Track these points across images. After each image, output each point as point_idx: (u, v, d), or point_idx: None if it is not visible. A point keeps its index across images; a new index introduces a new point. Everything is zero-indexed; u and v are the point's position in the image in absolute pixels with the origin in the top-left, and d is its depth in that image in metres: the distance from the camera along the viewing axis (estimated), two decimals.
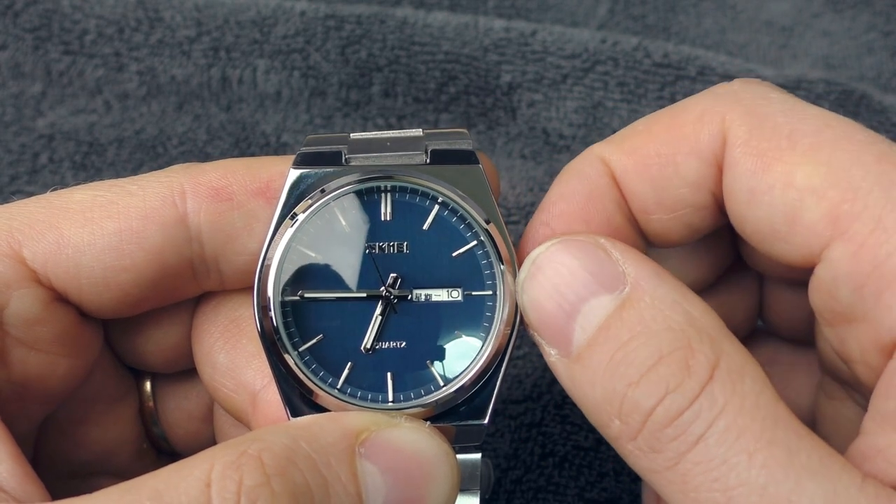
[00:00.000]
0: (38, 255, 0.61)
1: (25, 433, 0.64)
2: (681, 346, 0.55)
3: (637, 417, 0.54)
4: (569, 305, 0.57)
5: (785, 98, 0.61)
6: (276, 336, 0.61)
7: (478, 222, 0.62)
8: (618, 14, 1.17)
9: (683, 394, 0.53)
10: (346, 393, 0.62)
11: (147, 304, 0.65)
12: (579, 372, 0.57)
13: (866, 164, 0.56)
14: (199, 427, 0.73)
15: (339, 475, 0.54)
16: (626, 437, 0.55)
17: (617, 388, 0.55)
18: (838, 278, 0.57)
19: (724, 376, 0.54)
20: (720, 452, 0.52)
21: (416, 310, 0.62)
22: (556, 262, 0.59)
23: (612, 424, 0.56)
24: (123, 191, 0.63)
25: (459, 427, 0.63)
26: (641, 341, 0.55)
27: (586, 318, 0.57)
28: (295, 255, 0.62)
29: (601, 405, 0.56)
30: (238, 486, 0.51)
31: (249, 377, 0.65)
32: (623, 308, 0.56)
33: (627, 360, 0.55)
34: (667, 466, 0.54)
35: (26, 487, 0.56)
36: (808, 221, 0.57)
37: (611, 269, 0.57)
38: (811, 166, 0.57)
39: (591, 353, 0.56)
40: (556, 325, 0.58)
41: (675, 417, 0.53)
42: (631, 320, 0.56)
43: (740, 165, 0.59)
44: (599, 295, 0.57)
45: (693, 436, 0.53)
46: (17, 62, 1.06)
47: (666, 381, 0.54)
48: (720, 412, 0.53)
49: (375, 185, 0.62)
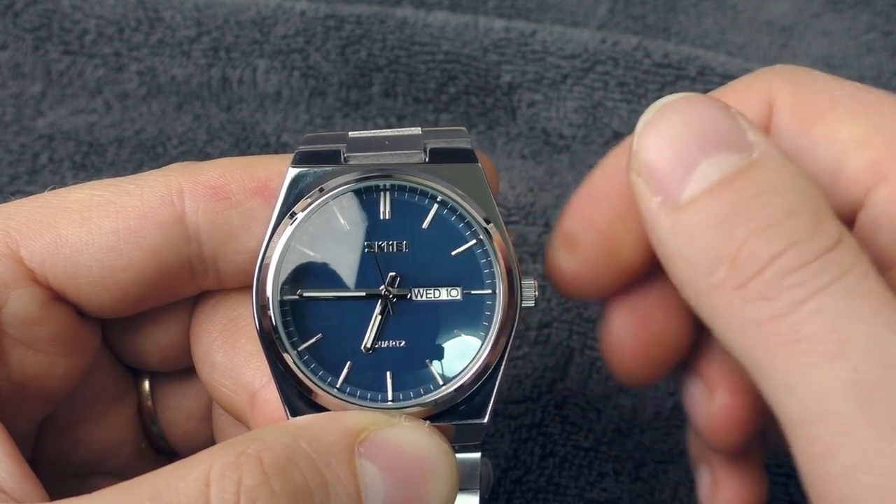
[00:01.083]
0: (35, 255, 0.61)
1: (24, 433, 0.64)
2: (812, 209, 0.54)
3: (755, 263, 0.52)
4: (690, 156, 0.55)
5: (824, 74, 0.62)
6: (274, 335, 0.61)
7: (477, 221, 0.62)
8: (618, 14, 1.17)
9: (815, 245, 0.52)
10: (346, 392, 0.62)
11: (145, 304, 0.65)
12: (688, 218, 0.55)
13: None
14: (198, 426, 0.73)
15: (338, 475, 0.54)
16: (732, 285, 0.53)
17: (737, 233, 0.53)
18: (878, 220, 0.58)
19: (851, 244, 0.53)
20: (845, 304, 0.51)
21: (415, 309, 0.62)
22: (683, 112, 0.57)
23: (717, 272, 0.54)
24: (121, 190, 0.63)
25: (459, 426, 0.63)
26: (772, 195, 0.54)
27: (710, 168, 0.55)
28: (294, 254, 0.62)
29: (708, 251, 0.54)
30: (237, 486, 0.51)
31: (248, 376, 0.64)
32: (752, 167, 0.55)
33: (755, 209, 0.53)
34: (776, 316, 0.52)
35: (25, 487, 0.56)
36: (851, 170, 0.58)
37: (740, 133, 0.56)
38: (852, 121, 0.58)
39: (709, 201, 0.54)
40: (669, 171, 0.56)
41: (801, 266, 0.52)
42: (760, 178, 0.54)
43: (785, 128, 0.61)
44: (728, 152, 0.55)
45: (817, 285, 0.51)
46: (17, 62, 1.06)
47: (797, 232, 0.52)
48: (848, 269, 0.52)
49: (374, 183, 0.62)
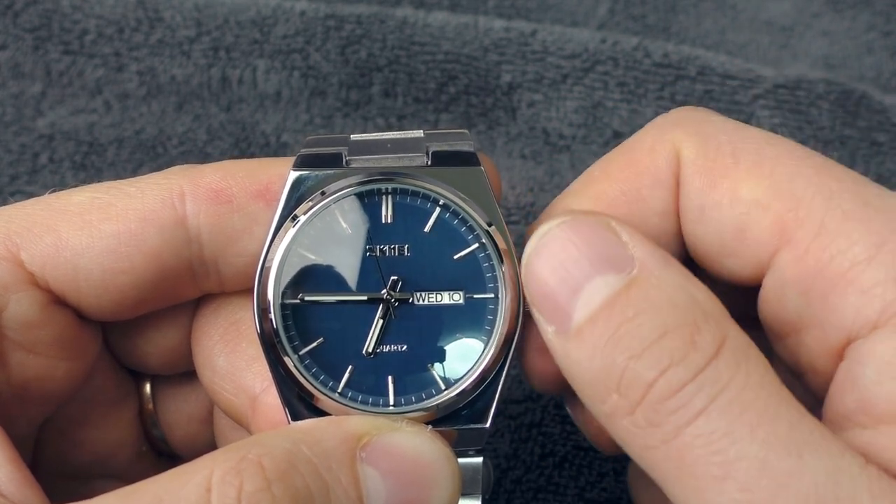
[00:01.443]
0: (36, 258, 0.61)
1: (24, 436, 0.64)
2: (687, 323, 0.54)
3: (637, 390, 0.53)
4: (573, 282, 0.56)
5: (725, 120, 0.62)
6: (276, 339, 0.61)
7: (479, 225, 0.62)
8: (618, 14, 1.17)
9: (687, 366, 0.53)
10: (347, 397, 0.62)
11: (146, 307, 0.65)
12: (577, 347, 0.56)
13: (806, 176, 0.58)
14: (199, 429, 0.73)
15: (340, 479, 0.53)
16: (624, 412, 0.54)
17: (617, 360, 0.54)
18: (785, 285, 0.58)
19: (729, 354, 0.53)
20: (722, 425, 0.52)
21: (417, 313, 0.62)
22: (563, 239, 0.58)
23: (609, 399, 0.55)
24: (122, 193, 0.62)
25: (461, 431, 0.62)
26: (647, 317, 0.54)
27: (590, 294, 0.56)
28: (295, 258, 0.62)
29: (598, 379, 0.55)
30: (238, 492, 0.51)
31: (249, 380, 0.64)
32: (629, 287, 0.55)
33: (631, 334, 0.54)
34: (664, 440, 0.53)
35: (25, 491, 0.56)
36: (755, 233, 0.58)
37: (619, 250, 0.57)
38: (755, 180, 0.59)
39: (592, 328, 0.55)
40: (556, 301, 0.57)
41: (678, 389, 0.53)
42: (636, 298, 0.55)
43: (690, 184, 0.61)
44: (605, 274, 0.56)
45: (695, 409, 0.52)
46: (17, 62, 1.06)
47: (670, 354, 0.53)
48: (724, 387, 0.52)
49: (376, 187, 0.62)
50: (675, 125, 0.63)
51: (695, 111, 0.64)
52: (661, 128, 0.63)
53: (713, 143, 0.61)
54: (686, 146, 0.61)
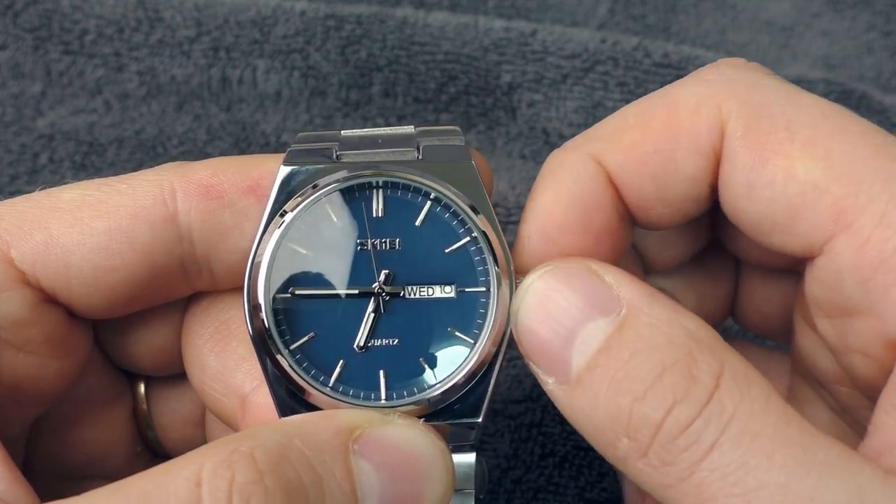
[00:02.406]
0: (26, 256, 0.61)
1: (16, 435, 0.64)
2: (683, 357, 0.54)
3: (646, 432, 0.53)
4: (565, 331, 0.57)
5: (779, 85, 0.61)
6: (266, 334, 0.61)
7: (471, 218, 0.62)
8: (618, 14, 1.17)
9: (691, 402, 0.53)
10: (339, 391, 0.61)
11: (137, 304, 0.65)
12: (580, 395, 0.56)
13: (866, 158, 0.56)
14: (193, 432, 0.73)
15: (333, 472, 0.53)
16: (636, 455, 0.54)
17: (622, 405, 0.54)
18: (842, 271, 0.57)
19: (730, 383, 0.53)
20: (736, 456, 0.51)
21: (408, 307, 0.62)
22: (549, 290, 0.58)
23: (620, 444, 0.55)
24: (113, 189, 0.62)
25: (453, 425, 0.62)
26: (643, 357, 0.54)
27: (584, 342, 0.56)
28: (286, 253, 0.62)
29: (606, 426, 0.55)
30: (230, 484, 0.50)
31: (239, 380, 0.64)
32: (621, 329, 0.56)
33: (630, 377, 0.54)
34: (681, 478, 0.53)
35: (15, 490, 0.56)
36: (810, 215, 0.57)
37: (605, 293, 0.57)
38: (811, 160, 0.57)
39: (591, 376, 0.55)
40: (552, 352, 0.57)
41: (686, 427, 0.52)
42: (630, 339, 0.55)
43: (739, 159, 0.59)
44: (596, 319, 0.56)
45: (706, 444, 0.52)
46: (17, 62, 1.06)
47: (672, 392, 0.53)
48: (731, 417, 0.52)
49: (367, 181, 0.62)
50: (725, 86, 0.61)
51: (746, 70, 0.63)
52: (709, 86, 0.62)
53: (765, 116, 0.59)
54: (735, 117, 0.60)
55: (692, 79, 0.63)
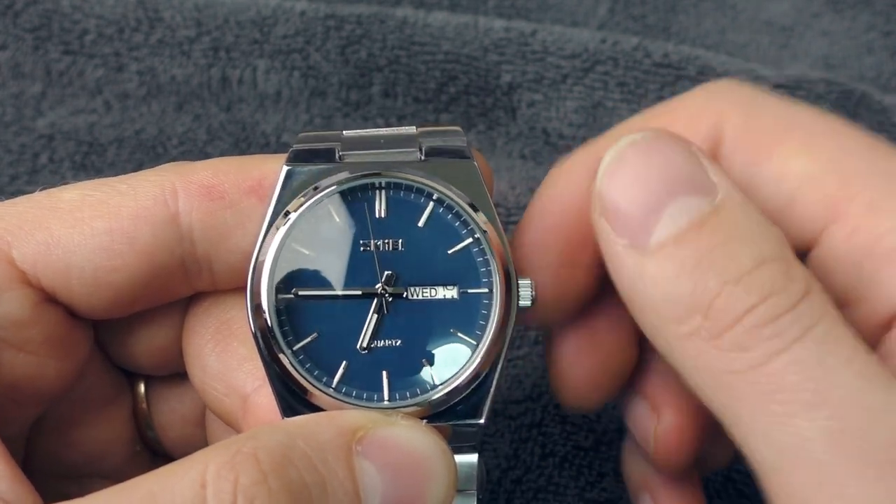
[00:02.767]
0: (27, 256, 0.61)
1: (15, 435, 0.64)
2: (782, 257, 0.54)
3: (731, 314, 0.53)
4: (655, 197, 0.56)
5: (775, 98, 0.62)
6: (269, 334, 0.61)
7: (473, 219, 0.62)
8: (618, 14, 1.17)
9: (788, 297, 0.53)
10: (342, 392, 0.61)
11: (138, 305, 0.65)
12: (657, 265, 0.55)
13: (857, 154, 0.58)
14: (193, 431, 0.73)
15: (336, 473, 0.53)
16: (708, 335, 0.54)
17: (710, 284, 0.54)
18: (835, 259, 0.58)
19: (819, 294, 0.54)
20: (818, 354, 0.52)
21: (411, 308, 0.62)
22: (645, 153, 0.57)
23: (690, 321, 0.54)
24: (113, 190, 0.62)
25: (456, 426, 0.62)
26: (741, 244, 0.54)
27: (675, 213, 0.55)
28: (289, 253, 0.61)
29: (681, 300, 0.54)
30: (234, 486, 0.50)
31: (240, 380, 0.64)
32: (718, 211, 0.55)
33: (726, 259, 0.54)
34: (753, 366, 0.52)
35: (17, 490, 0.56)
36: (804, 207, 0.58)
37: (703, 176, 0.56)
38: (806, 156, 0.58)
39: (678, 248, 0.55)
40: (635, 214, 0.56)
41: (777, 317, 0.52)
42: (727, 224, 0.55)
43: (737, 157, 0.60)
44: (692, 195, 0.55)
45: (792, 336, 0.52)
46: (17, 62, 1.06)
47: (771, 283, 0.53)
48: (819, 320, 0.52)
49: (370, 181, 0.62)
50: (724, 96, 0.62)
51: (743, 86, 0.64)
52: (708, 95, 0.63)
53: (762, 119, 0.60)
54: (732, 119, 0.61)
55: (696, 89, 0.64)
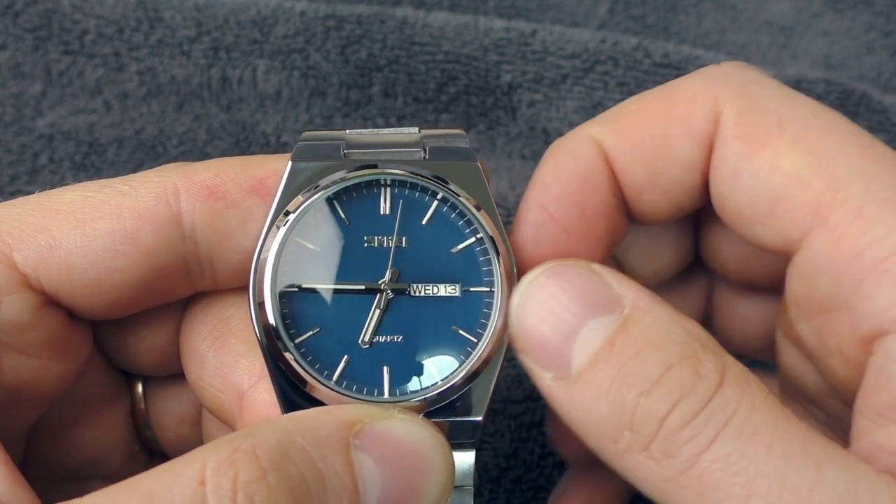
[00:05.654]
0: (29, 259, 0.60)
1: (15, 437, 0.64)
2: (689, 356, 0.55)
3: (651, 424, 0.54)
4: (567, 327, 0.57)
5: (776, 84, 0.62)
6: (272, 328, 0.61)
7: (477, 219, 0.62)
8: (618, 14, 1.17)
9: (697, 397, 0.53)
10: (342, 386, 0.61)
11: (139, 305, 0.65)
12: (580, 391, 0.56)
13: (850, 157, 0.57)
14: (190, 431, 0.73)
15: (335, 467, 0.53)
16: (638, 448, 0.54)
17: (627, 399, 0.54)
18: (818, 266, 0.57)
19: (733, 382, 0.54)
20: (737, 447, 0.52)
21: (413, 304, 0.62)
22: (551, 286, 0.58)
23: (621, 438, 0.55)
24: (115, 191, 0.62)
25: (454, 423, 0.62)
26: (649, 353, 0.55)
27: (586, 338, 0.56)
28: (293, 247, 0.62)
29: (608, 420, 0.55)
30: (233, 483, 0.50)
31: (237, 377, 0.64)
32: (626, 326, 0.56)
33: (636, 372, 0.54)
34: (682, 470, 0.53)
35: (16, 492, 0.56)
36: (790, 207, 0.58)
37: (606, 292, 0.57)
38: (797, 154, 0.58)
39: (594, 371, 0.55)
40: (552, 348, 0.57)
41: (691, 419, 0.53)
42: (634, 336, 0.55)
43: (729, 147, 0.60)
44: (599, 316, 0.56)
45: (709, 435, 0.53)
46: (17, 62, 1.06)
47: (679, 387, 0.54)
48: (734, 412, 0.53)
49: (375, 178, 0.62)
50: (723, 81, 0.62)
51: (747, 69, 0.63)
52: (707, 79, 0.63)
53: (758, 110, 0.60)
54: (729, 107, 0.60)
55: (693, 74, 0.64)
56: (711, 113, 0.61)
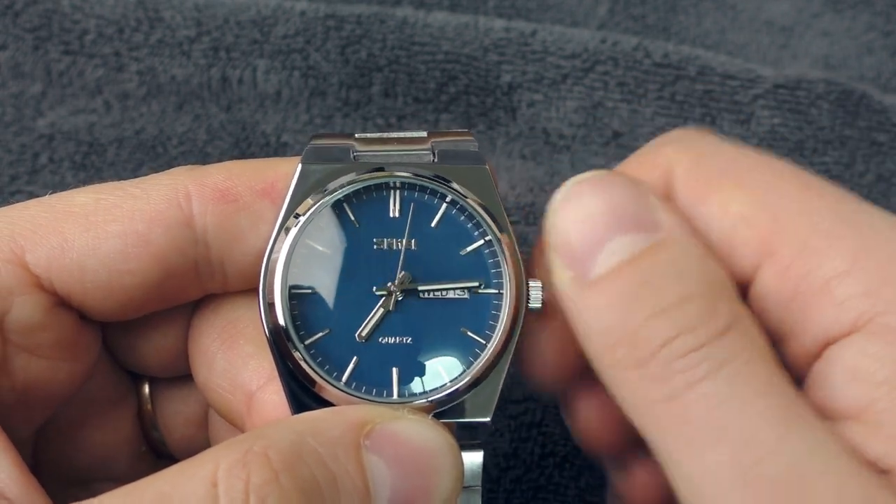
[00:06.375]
0: (41, 260, 0.61)
1: (23, 438, 0.64)
2: (707, 294, 0.56)
3: (651, 345, 0.55)
4: (599, 233, 0.58)
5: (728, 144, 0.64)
6: (282, 331, 0.61)
7: (485, 221, 0.63)
8: (618, 14, 1.17)
9: (705, 331, 0.55)
10: (352, 387, 0.62)
11: (150, 307, 0.65)
12: (593, 295, 0.57)
13: (792, 195, 0.60)
14: (197, 432, 0.73)
15: (346, 469, 0.53)
16: (632, 363, 0.56)
17: (636, 315, 0.56)
18: (769, 297, 0.60)
19: (742, 329, 0.56)
20: (725, 391, 0.54)
21: (422, 306, 0.63)
22: (594, 191, 0.59)
23: (619, 350, 0.56)
24: (126, 193, 0.62)
25: (462, 424, 0.63)
26: (669, 281, 0.56)
27: (615, 248, 0.57)
28: (303, 249, 0.62)
29: (611, 330, 0.57)
30: (246, 485, 0.50)
31: (246, 378, 0.64)
32: (655, 249, 0.57)
33: (651, 294, 0.56)
34: (669, 397, 0.55)
35: (29, 494, 0.56)
36: (740, 245, 0.60)
37: (647, 213, 0.58)
38: (743, 197, 0.61)
39: (613, 281, 0.57)
40: (580, 248, 0.58)
41: (691, 351, 0.55)
42: (661, 261, 0.57)
43: (680, 198, 0.62)
44: (634, 232, 0.58)
45: (704, 370, 0.54)
46: (17, 62, 1.06)
47: (689, 318, 0.55)
48: (734, 357, 0.55)
49: (384, 181, 0.63)
50: (679, 143, 0.65)
51: (700, 134, 0.66)
52: (664, 143, 0.65)
53: (705, 162, 0.63)
54: (680, 162, 0.63)
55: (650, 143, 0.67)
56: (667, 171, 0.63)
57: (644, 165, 0.64)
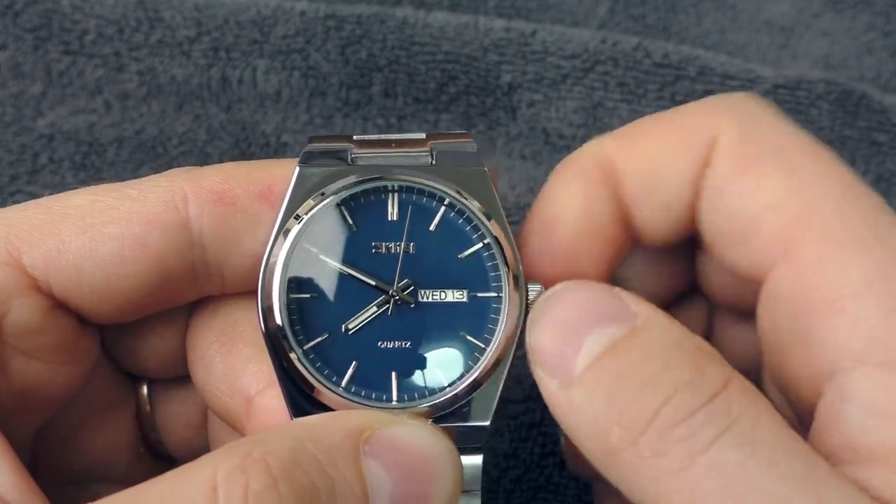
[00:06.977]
0: (38, 262, 0.60)
1: (23, 442, 0.64)
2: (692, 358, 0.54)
3: (642, 418, 0.53)
4: (577, 334, 0.57)
5: (776, 115, 0.62)
6: (280, 334, 0.61)
7: (484, 224, 0.62)
8: (618, 14, 1.17)
9: (698, 391, 0.53)
10: (351, 392, 0.62)
11: (147, 309, 0.65)
12: (577, 392, 0.56)
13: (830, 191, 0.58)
14: (195, 434, 0.73)
15: (345, 475, 0.53)
16: (627, 443, 0.54)
17: (622, 395, 0.54)
18: (780, 299, 0.58)
19: (738, 389, 0.53)
20: (737, 457, 0.51)
21: (421, 310, 0.62)
22: (567, 298, 0.59)
23: (610, 435, 0.54)
24: (123, 195, 0.62)
25: (462, 428, 0.62)
26: (653, 356, 0.55)
27: (593, 343, 0.56)
28: (301, 253, 0.62)
29: (598, 418, 0.55)
30: (245, 490, 0.50)
31: (245, 381, 0.64)
32: (633, 333, 0.56)
33: (637, 370, 0.54)
34: (673, 471, 0.52)
35: (29, 498, 0.56)
36: (763, 235, 0.59)
37: (621, 306, 0.57)
38: (779, 179, 0.59)
39: (595, 371, 0.55)
40: (559, 355, 0.57)
41: (687, 417, 0.52)
42: (641, 342, 0.55)
43: (718, 167, 0.61)
44: (609, 325, 0.56)
45: (707, 437, 0.52)
46: (17, 62, 1.06)
47: (678, 381, 0.53)
48: (737, 419, 0.52)
49: (382, 184, 0.62)
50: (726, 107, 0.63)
51: (755, 99, 0.64)
52: (712, 105, 0.64)
53: (752, 136, 0.61)
54: (726, 131, 0.62)
55: (701, 100, 0.66)
56: (710, 136, 0.62)
57: (687, 128, 0.63)
